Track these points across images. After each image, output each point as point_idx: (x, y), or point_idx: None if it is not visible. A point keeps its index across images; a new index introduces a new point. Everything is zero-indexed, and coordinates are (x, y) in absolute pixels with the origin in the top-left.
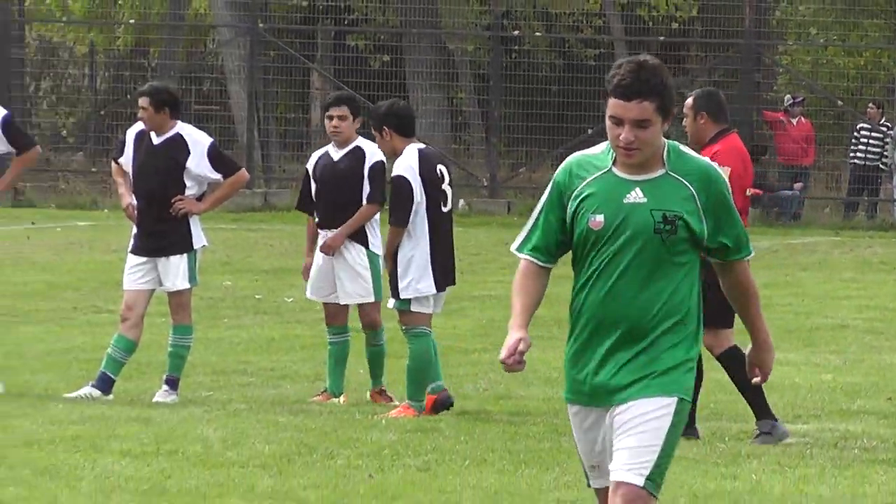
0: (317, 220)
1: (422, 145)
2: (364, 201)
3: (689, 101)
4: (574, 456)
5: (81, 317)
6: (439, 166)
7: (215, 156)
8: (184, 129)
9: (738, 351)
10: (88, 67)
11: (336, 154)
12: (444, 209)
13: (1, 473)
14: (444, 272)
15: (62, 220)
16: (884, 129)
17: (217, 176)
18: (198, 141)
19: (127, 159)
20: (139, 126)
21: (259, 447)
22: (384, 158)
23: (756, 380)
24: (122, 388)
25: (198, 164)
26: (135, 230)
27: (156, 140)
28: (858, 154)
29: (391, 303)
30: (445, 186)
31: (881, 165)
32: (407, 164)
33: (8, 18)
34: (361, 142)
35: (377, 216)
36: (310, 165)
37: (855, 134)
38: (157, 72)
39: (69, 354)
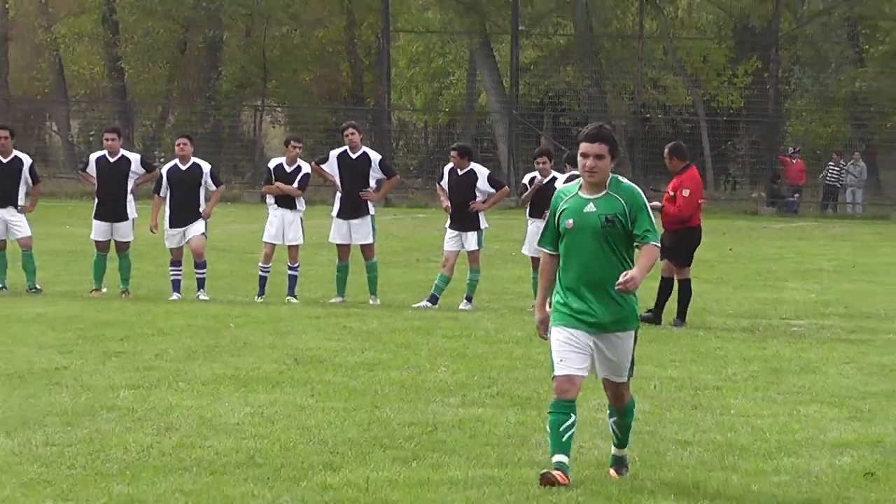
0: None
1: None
2: None
3: (666, 150)
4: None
5: (426, 265)
6: None
7: (491, 179)
8: (475, 166)
9: (688, 284)
10: (424, 134)
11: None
12: None
13: (379, 347)
14: None
15: (410, 213)
16: (840, 166)
17: (493, 190)
18: (483, 173)
19: (445, 183)
20: (451, 164)
21: (514, 332)
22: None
23: (618, 285)
24: (443, 303)
25: (483, 184)
26: (449, 219)
27: (460, 172)
28: (828, 179)
29: None
30: None
31: (838, 185)
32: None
33: (383, 108)
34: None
35: None
36: (527, 180)
37: (827, 169)
38: (460, 136)
39: (415, 284)
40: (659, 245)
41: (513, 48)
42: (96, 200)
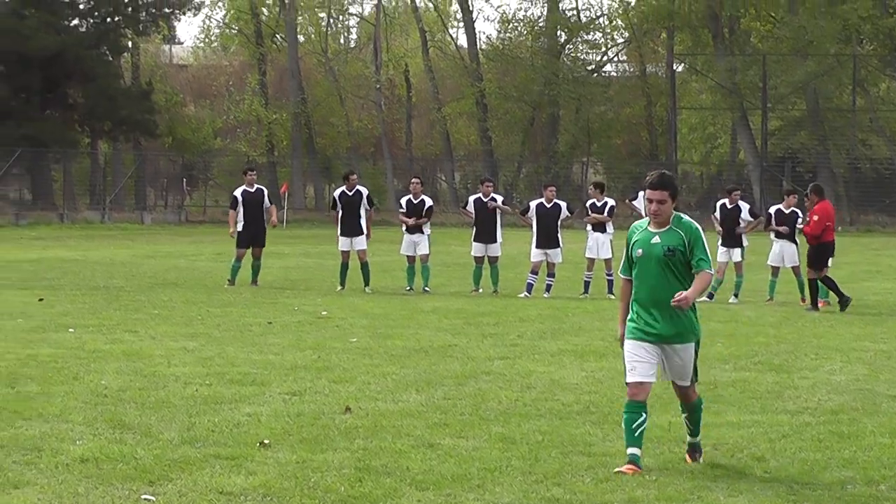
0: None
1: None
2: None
3: (810, 189)
4: None
5: None
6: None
7: (751, 212)
8: (741, 203)
9: (829, 278)
10: (700, 180)
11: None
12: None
13: None
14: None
15: None
16: None
17: (751, 219)
18: (745, 206)
19: (718, 214)
20: (724, 200)
21: (769, 318)
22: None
23: (674, 302)
24: (717, 298)
25: (745, 214)
26: (721, 238)
27: (729, 206)
28: None
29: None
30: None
31: None
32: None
33: (671, 161)
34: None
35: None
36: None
37: None
38: (726, 182)
39: None
40: (712, 272)
41: (763, 119)
42: (474, 229)
